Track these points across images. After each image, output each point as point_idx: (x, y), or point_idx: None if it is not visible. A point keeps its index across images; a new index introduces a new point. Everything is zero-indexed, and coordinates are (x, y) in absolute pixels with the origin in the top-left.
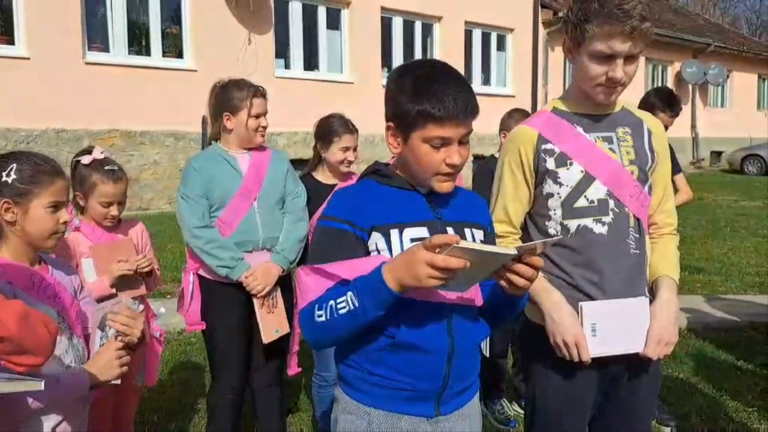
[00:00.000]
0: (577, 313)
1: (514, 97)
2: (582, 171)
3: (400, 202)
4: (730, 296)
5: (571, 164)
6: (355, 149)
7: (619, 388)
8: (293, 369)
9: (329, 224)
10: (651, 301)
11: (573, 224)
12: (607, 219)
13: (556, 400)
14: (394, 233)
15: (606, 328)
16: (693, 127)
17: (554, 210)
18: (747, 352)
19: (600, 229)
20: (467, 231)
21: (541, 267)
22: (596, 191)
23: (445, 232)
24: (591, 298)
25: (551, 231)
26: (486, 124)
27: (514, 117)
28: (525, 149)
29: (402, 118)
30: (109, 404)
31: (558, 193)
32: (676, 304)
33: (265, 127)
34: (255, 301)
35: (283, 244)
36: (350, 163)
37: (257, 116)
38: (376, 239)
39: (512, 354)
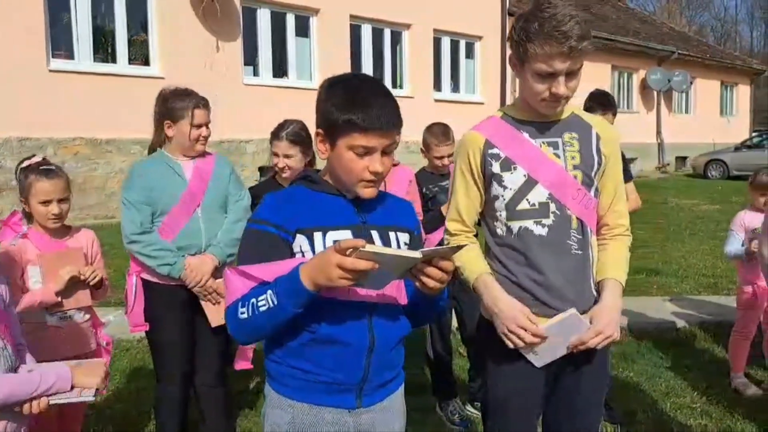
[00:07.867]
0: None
1: (483, 104)
2: (525, 175)
3: (326, 207)
4: (684, 297)
5: (515, 168)
6: (286, 157)
7: (564, 382)
8: (241, 365)
9: (256, 227)
10: (596, 301)
11: (515, 226)
12: (548, 221)
13: (503, 389)
14: (317, 236)
15: (545, 346)
16: (658, 132)
17: (500, 212)
18: (694, 351)
19: (540, 230)
20: (392, 234)
21: (451, 271)
22: (538, 195)
23: (370, 235)
24: (535, 296)
25: (498, 231)
26: (456, 130)
27: (432, 131)
28: (473, 153)
29: (330, 125)
30: (54, 419)
31: (502, 196)
32: (619, 306)
33: (206, 137)
34: (198, 295)
35: (220, 239)
36: (281, 170)
37: (198, 126)
38: (300, 241)
39: (468, 357)
